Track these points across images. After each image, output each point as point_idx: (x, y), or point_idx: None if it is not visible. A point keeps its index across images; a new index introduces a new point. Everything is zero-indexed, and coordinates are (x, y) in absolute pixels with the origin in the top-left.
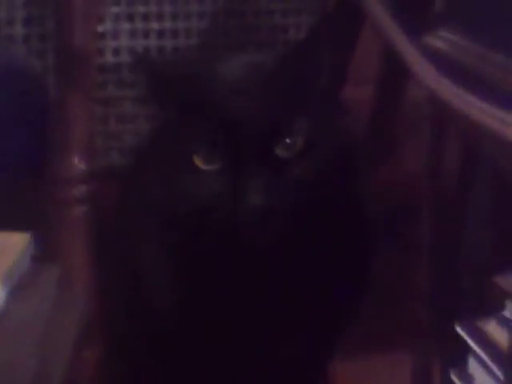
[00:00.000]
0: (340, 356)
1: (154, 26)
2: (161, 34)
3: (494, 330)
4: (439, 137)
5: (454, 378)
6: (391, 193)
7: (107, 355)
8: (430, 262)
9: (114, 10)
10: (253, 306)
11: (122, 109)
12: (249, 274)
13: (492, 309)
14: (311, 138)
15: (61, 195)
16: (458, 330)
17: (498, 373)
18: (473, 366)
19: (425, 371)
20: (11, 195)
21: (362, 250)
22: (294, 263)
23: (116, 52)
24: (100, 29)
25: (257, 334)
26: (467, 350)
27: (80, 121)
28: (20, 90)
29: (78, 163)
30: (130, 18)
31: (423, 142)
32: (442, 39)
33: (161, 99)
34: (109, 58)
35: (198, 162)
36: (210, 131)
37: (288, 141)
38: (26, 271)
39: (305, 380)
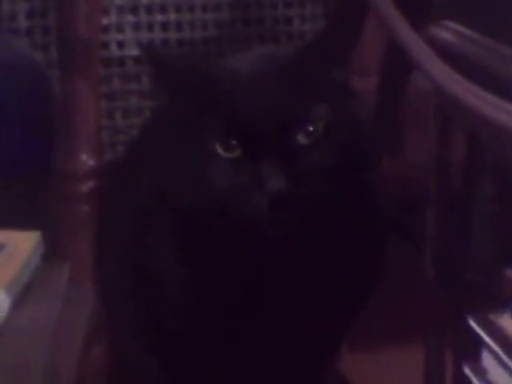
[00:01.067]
0: (351, 349)
1: (158, 18)
2: (165, 26)
3: (507, 323)
4: (445, 128)
5: (467, 371)
6: (394, 185)
7: (116, 352)
8: (437, 254)
9: (118, 2)
10: (268, 295)
11: (128, 103)
12: (264, 263)
13: (505, 302)
14: (330, 124)
15: (69, 191)
16: (471, 323)
17: None
18: (486, 359)
19: (437, 365)
20: (18, 192)
21: (374, 240)
22: (309, 253)
23: (120, 45)
24: (104, 21)
25: (271, 327)
26: (480, 343)
27: (87, 116)
28: (23, 85)
29: (87, 159)
30: (134, 10)
31: (427, 134)
32: (447, 29)
33: (173, 92)
34: (113, 51)
35: (220, 149)
36: (228, 121)
37: (310, 127)
38: (36, 269)
39: (315, 374)
